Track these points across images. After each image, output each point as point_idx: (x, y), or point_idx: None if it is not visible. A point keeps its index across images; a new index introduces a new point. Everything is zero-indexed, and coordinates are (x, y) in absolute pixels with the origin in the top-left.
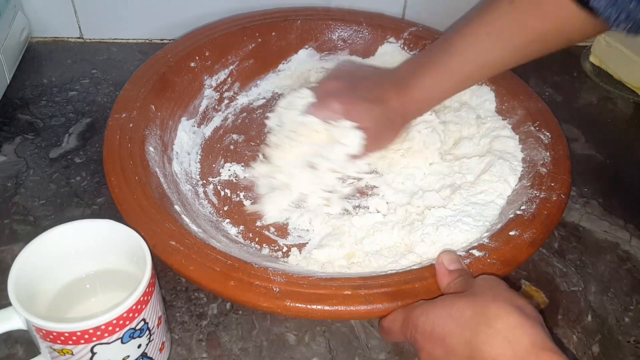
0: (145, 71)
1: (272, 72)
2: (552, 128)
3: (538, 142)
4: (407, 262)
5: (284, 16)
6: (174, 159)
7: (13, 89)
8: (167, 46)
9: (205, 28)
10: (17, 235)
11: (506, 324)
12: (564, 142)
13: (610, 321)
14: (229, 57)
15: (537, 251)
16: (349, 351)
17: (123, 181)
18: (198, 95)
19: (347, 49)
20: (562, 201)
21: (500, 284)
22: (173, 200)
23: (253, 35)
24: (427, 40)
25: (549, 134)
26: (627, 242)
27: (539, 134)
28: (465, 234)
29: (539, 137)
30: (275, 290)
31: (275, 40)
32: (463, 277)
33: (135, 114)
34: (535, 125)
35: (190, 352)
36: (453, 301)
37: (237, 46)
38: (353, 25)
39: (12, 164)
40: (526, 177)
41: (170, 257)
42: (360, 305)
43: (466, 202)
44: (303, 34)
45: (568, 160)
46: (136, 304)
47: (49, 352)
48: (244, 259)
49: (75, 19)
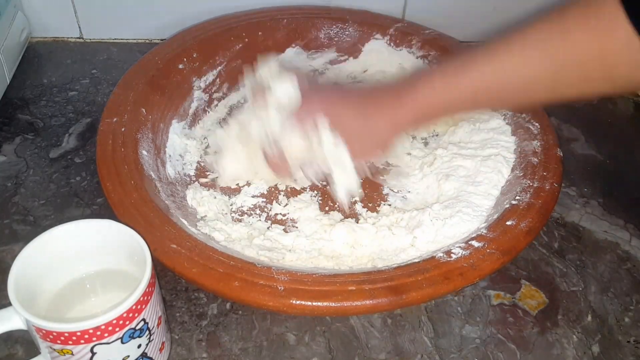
0: (134, 74)
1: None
2: (540, 118)
3: (528, 133)
4: (407, 257)
5: (269, 15)
6: (167, 161)
7: (13, 89)
8: (155, 48)
9: (192, 29)
10: (17, 235)
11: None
12: (553, 132)
13: (610, 321)
14: (217, 57)
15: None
16: (349, 351)
17: (119, 186)
18: (187, 97)
19: (334, 46)
20: (555, 190)
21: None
22: (169, 204)
23: (240, 36)
24: (413, 36)
25: (538, 124)
26: (627, 242)
27: (528, 125)
28: (464, 225)
29: (528, 127)
30: (280, 289)
31: (262, 40)
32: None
33: (126, 118)
34: (524, 116)
35: (190, 352)
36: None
37: (224, 47)
38: (338, 23)
39: (12, 164)
40: (518, 167)
41: (172, 260)
42: (365, 300)
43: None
44: (289, 32)
45: (558, 148)
46: (136, 304)
47: (49, 352)
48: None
49: (75, 19)
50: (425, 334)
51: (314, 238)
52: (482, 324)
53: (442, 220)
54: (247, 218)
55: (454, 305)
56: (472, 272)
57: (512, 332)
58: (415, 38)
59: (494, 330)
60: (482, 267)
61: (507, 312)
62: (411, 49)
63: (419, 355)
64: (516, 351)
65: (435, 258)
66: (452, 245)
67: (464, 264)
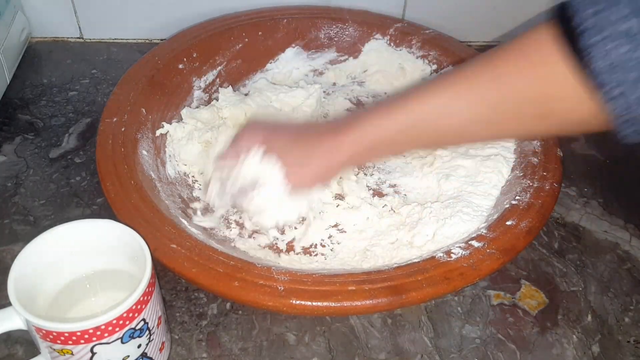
0: (134, 74)
1: (260, 71)
2: None
3: None
4: (408, 256)
5: (269, 15)
6: (167, 161)
7: (13, 89)
8: (155, 48)
9: (192, 29)
10: (17, 235)
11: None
12: None
13: (610, 321)
14: (217, 57)
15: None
16: (349, 351)
17: (119, 186)
18: (187, 97)
19: (334, 46)
20: (555, 190)
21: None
22: (169, 204)
23: (240, 36)
24: (413, 35)
25: None
26: (627, 242)
27: None
28: (464, 225)
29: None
30: (280, 289)
31: (262, 40)
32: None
33: (126, 118)
34: None
35: (190, 352)
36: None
37: (224, 47)
38: (338, 23)
39: (12, 164)
40: (518, 167)
41: (171, 260)
42: (365, 300)
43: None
44: (289, 32)
45: (558, 149)
46: (136, 304)
47: (49, 352)
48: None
49: (75, 19)
50: (425, 334)
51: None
52: (482, 324)
53: (442, 220)
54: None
55: (454, 305)
56: (472, 272)
57: (512, 332)
58: (415, 38)
59: (494, 330)
60: (482, 267)
61: (507, 312)
62: (411, 49)
63: (419, 355)
64: (516, 351)
65: (435, 258)
66: (452, 245)
67: (464, 264)
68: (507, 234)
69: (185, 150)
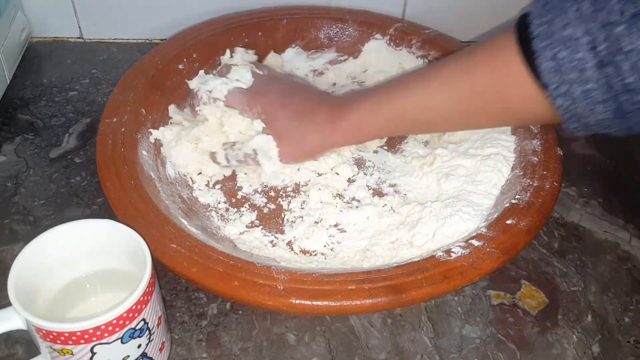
0: (134, 75)
1: None
2: None
3: (528, 132)
4: (408, 255)
5: (269, 15)
6: (167, 161)
7: (13, 89)
8: (155, 49)
9: (192, 29)
10: (17, 235)
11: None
12: (553, 131)
13: (610, 321)
14: (217, 57)
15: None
16: (349, 351)
17: (119, 186)
18: (187, 97)
19: (334, 46)
20: (555, 189)
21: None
22: (169, 204)
23: (239, 36)
24: (413, 35)
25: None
26: (627, 242)
27: None
28: (464, 224)
29: (528, 126)
30: (280, 288)
31: (262, 40)
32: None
33: (126, 118)
34: None
35: (190, 352)
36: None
37: (224, 47)
38: (338, 23)
39: (12, 164)
40: (518, 166)
41: (171, 260)
42: (365, 299)
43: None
44: (289, 33)
45: (558, 147)
46: (136, 304)
47: (49, 352)
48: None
49: (75, 19)
50: (425, 333)
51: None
52: (482, 324)
53: (442, 219)
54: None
55: (454, 305)
56: (472, 272)
57: (512, 332)
58: (415, 38)
59: (494, 330)
60: (482, 266)
61: (507, 312)
62: (411, 49)
63: (419, 355)
64: (516, 351)
65: (435, 257)
66: (452, 244)
67: (463, 263)
68: (507, 233)
69: (177, 151)
